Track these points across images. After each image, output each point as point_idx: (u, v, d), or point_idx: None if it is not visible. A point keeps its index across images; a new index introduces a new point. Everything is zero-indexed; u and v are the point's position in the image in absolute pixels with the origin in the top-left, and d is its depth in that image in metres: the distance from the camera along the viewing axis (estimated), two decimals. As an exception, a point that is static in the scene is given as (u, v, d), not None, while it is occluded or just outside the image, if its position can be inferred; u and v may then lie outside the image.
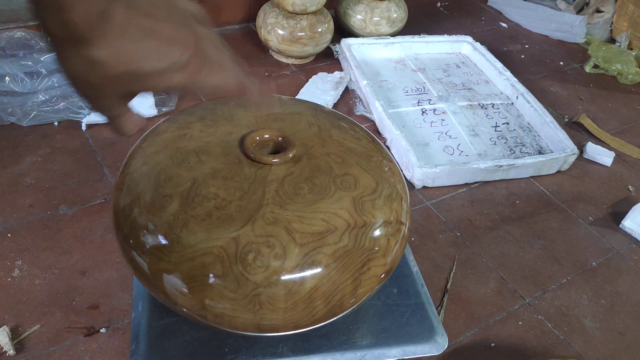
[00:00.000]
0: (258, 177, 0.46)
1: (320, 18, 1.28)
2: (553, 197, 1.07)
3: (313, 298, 0.43)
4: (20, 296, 0.76)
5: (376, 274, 0.46)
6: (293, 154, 0.48)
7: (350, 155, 0.51)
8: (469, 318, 0.82)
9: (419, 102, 1.23)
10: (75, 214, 0.89)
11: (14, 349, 0.70)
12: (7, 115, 1.03)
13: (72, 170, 0.96)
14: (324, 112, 0.57)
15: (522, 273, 0.91)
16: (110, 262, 0.82)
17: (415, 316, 0.56)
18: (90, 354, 0.71)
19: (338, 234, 0.45)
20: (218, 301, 0.42)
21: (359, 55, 1.31)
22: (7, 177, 0.94)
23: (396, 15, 1.41)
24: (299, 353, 0.52)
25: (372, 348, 0.53)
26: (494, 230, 0.98)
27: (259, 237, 0.43)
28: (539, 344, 0.81)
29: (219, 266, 0.42)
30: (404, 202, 0.51)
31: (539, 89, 1.37)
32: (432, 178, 1.02)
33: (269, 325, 0.44)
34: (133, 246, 0.45)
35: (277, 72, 1.30)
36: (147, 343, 0.51)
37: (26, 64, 1.10)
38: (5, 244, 0.83)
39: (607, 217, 1.04)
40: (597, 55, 1.48)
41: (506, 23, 1.66)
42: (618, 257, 0.96)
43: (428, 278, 0.86)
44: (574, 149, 1.10)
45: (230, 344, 0.51)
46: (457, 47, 1.43)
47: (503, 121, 1.21)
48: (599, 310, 0.87)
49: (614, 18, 1.59)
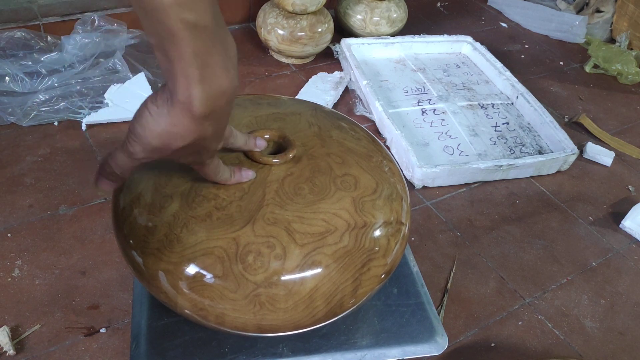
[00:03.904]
0: (258, 178, 0.46)
1: (320, 18, 1.28)
2: (553, 197, 1.07)
3: (313, 298, 0.43)
4: (20, 296, 0.76)
5: (376, 274, 0.46)
6: (293, 154, 0.48)
7: (351, 156, 0.51)
8: (469, 318, 0.82)
9: (419, 102, 1.23)
10: (75, 214, 0.89)
11: (14, 349, 0.70)
12: (7, 115, 1.03)
13: (72, 170, 0.96)
14: (324, 112, 0.57)
15: (522, 273, 0.91)
16: (110, 262, 0.82)
17: (415, 316, 0.56)
18: (90, 354, 0.71)
19: (338, 234, 0.45)
20: (218, 301, 0.42)
21: (359, 55, 1.31)
22: (7, 177, 0.94)
23: (396, 15, 1.41)
24: (299, 353, 0.52)
25: (372, 348, 0.53)
26: (494, 230, 0.98)
27: (259, 238, 0.43)
28: (539, 344, 0.81)
29: (219, 266, 0.42)
30: (404, 202, 0.51)
31: (539, 89, 1.37)
32: (432, 178, 1.02)
33: (269, 326, 0.44)
34: (133, 246, 0.45)
35: (277, 72, 1.30)
36: (147, 343, 0.51)
37: (26, 64, 1.10)
38: (5, 244, 0.83)
39: (607, 217, 1.04)
40: (597, 55, 1.48)
41: (506, 23, 1.66)
42: (618, 257, 0.96)
43: (428, 278, 0.86)
44: (574, 149, 1.10)
45: (230, 344, 0.51)
46: (457, 47, 1.43)
47: (503, 121, 1.21)
48: (599, 310, 0.87)
49: (614, 18, 1.59)
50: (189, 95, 0.32)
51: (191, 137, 0.35)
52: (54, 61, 1.12)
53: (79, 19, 1.20)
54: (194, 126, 0.34)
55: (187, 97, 0.33)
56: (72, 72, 1.11)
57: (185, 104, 0.33)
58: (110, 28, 1.19)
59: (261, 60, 1.33)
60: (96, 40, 1.16)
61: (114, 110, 1.08)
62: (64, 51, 1.13)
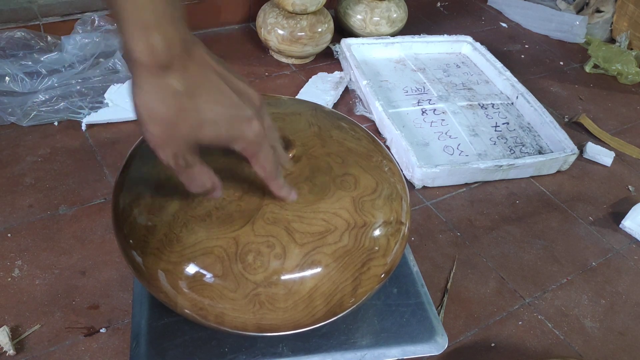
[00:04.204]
0: (258, 177, 0.46)
1: (320, 18, 1.28)
2: (553, 197, 1.07)
3: (313, 298, 0.43)
4: (20, 296, 0.76)
5: (376, 273, 0.46)
6: (293, 154, 0.48)
7: (350, 155, 0.51)
8: (469, 318, 0.82)
9: (419, 102, 1.23)
10: (75, 214, 0.89)
11: (14, 349, 0.70)
12: (7, 115, 1.03)
13: (72, 170, 0.96)
14: (324, 112, 0.57)
15: (522, 273, 0.91)
16: (110, 262, 0.82)
17: (415, 316, 0.56)
18: (90, 354, 0.71)
19: (338, 233, 0.45)
20: (218, 301, 0.42)
21: (359, 55, 1.31)
22: (7, 177, 0.94)
23: (396, 15, 1.41)
24: (299, 353, 0.52)
25: (372, 348, 0.53)
26: (494, 230, 0.98)
27: (259, 237, 0.43)
28: (539, 344, 0.81)
29: (219, 266, 0.42)
30: (404, 202, 0.51)
31: (539, 89, 1.37)
32: (432, 178, 1.02)
33: (269, 325, 0.44)
34: (133, 246, 0.45)
35: (277, 72, 1.30)
36: (147, 343, 0.51)
37: (26, 64, 1.10)
38: (5, 244, 0.83)
39: (607, 217, 1.04)
40: (597, 55, 1.48)
41: (506, 23, 1.66)
42: (618, 257, 0.96)
43: (428, 278, 0.86)
44: (574, 149, 1.10)
45: (230, 344, 0.51)
46: (457, 47, 1.43)
47: (503, 121, 1.21)
48: (599, 310, 0.87)
49: (614, 18, 1.59)
50: (138, 46, 0.32)
51: (165, 95, 0.33)
52: (54, 61, 1.12)
53: (79, 19, 1.20)
54: (159, 80, 0.33)
55: (137, 49, 0.32)
56: (72, 72, 1.11)
57: (140, 58, 0.32)
58: (110, 28, 1.19)
59: (261, 60, 1.33)
60: (96, 40, 1.16)
61: (114, 110, 1.08)
62: (64, 51, 1.14)
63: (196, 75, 0.34)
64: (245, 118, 0.37)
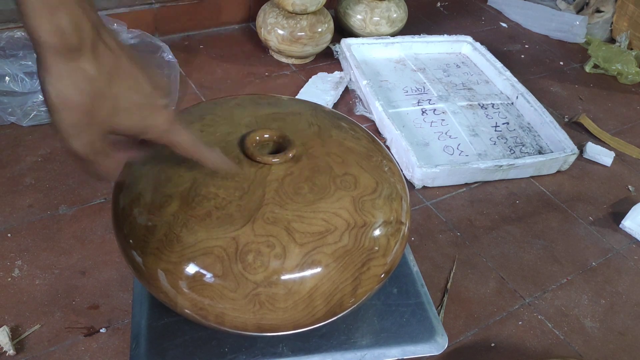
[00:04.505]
0: (258, 177, 0.46)
1: (320, 18, 1.28)
2: (553, 197, 1.07)
3: (313, 298, 0.43)
4: (20, 296, 0.76)
5: (376, 273, 0.46)
6: (293, 154, 0.48)
7: (350, 155, 0.51)
8: (469, 318, 0.82)
9: (419, 102, 1.23)
10: (75, 214, 0.89)
11: (14, 349, 0.70)
12: (7, 115, 1.03)
13: (72, 170, 0.96)
14: (324, 112, 0.57)
15: (522, 273, 0.91)
16: (110, 262, 0.82)
17: (415, 316, 0.56)
18: (90, 354, 0.71)
19: (338, 233, 0.45)
20: (218, 301, 0.42)
21: (359, 55, 1.31)
22: (7, 177, 0.94)
23: (396, 15, 1.41)
24: (299, 353, 0.52)
25: (372, 348, 0.53)
26: (494, 230, 0.98)
27: (259, 237, 0.43)
28: (539, 344, 0.81)
29: (219, 266, 0.42)
30: (404, 202, 0.51)
31: (539, 89, 1.37)
32: (432, 178, 1.02)
33: (269, 325, 0.44)
34: (133, 246, 0.45)
35: (277, 72, 1.30)
36: (147, 343, 0.51)
37: (26, 64, 1.10)
38: (5, 244, 0.83)
39: (607, 217, 1.04)
40: (597, 55, 1.48)
41: (506, 23, 1.66)
42: (618, 257, 0.96)
43: (428, 278, 0.86)
44: (574, 149, 1.10)
45: (230, 344, 0.51)
46: (457, 47, 1.43)
47: (503, 121, 1.21)
48: (599, 310, 0.87)
49: (614, 18, 1.59)
50: (44, 27, 0.30)
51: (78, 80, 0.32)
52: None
53: (79, 19, 1.20)
54: (71, 64, 0.31)
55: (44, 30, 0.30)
56: (72, 72, 1.11)
57: (47, 40, 0.30)
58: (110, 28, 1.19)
59: (261, 60, 1.33)
60: (96, 40, 1.16)
61: (114, 110, 1.07)
62: (64, 51, 1.13)
63: (109, 61, 0.33)
64: (158, 107, 0.36)
